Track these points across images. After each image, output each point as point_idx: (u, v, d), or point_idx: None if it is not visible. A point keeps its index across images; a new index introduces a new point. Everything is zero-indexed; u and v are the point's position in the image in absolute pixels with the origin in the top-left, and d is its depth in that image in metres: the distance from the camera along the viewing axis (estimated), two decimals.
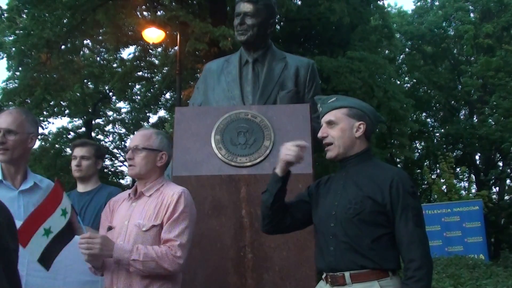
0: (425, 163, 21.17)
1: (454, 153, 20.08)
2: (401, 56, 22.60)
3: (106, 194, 3.26)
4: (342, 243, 2.07)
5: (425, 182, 19.56)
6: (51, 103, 17.00)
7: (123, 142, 22.53)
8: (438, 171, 17.89)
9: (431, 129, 23.46)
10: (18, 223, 2.45)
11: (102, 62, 19.06)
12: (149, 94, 18.76)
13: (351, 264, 2.04)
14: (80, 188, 3.48)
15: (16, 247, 1.19)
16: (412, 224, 2.01)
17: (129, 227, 2.39)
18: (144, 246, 2.32)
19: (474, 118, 22.15)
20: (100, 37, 15.93)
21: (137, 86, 19.41)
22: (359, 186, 2.12)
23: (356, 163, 2.20)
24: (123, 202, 2.56)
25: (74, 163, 3.46)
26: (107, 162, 22.96)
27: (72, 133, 21.88)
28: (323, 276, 2.17)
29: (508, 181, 22.46)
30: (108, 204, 2.61)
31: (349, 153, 2.21)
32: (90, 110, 20.95)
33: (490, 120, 19.47)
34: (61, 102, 18.27)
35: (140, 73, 17.44)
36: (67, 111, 19.81)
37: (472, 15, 22.43)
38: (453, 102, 23.67)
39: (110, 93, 20.99)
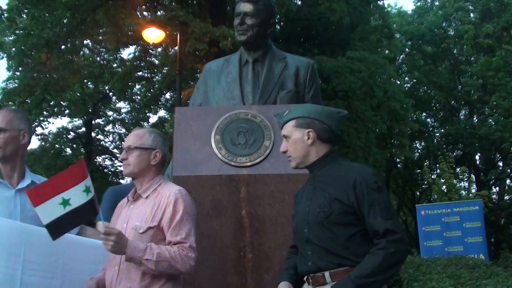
0: (425, 163, 21.14)
1: (454, 153, 20.05)
2: (401, 56, 22.60)
3: None
4: (317, 247, 2.14)
5: (425, 182, 19.56)
6: (51, 103, 17.00)
7: (123, 142, 22.49)
8: (438, 171, 17.85)
9: (431, 129, 23.45)
10: (15, 222, 2.45)
11: (102, 62, 19.05)
12: (149, 94, 18.74)
13: (329, 264, 2.11)
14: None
15: None
16: (380, 218, 2.05)
17: (127, 230, 2.39)
18: (157, 245, 2.30)
19: (474, 118, 22.14)
20: (100, 37, 15.91)
21: (137, 86, 19.38)
22: (325, 189, 2.18)
23: (321, 167, 2.26)
24: (125, 206, 2.56)
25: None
26: (107, 162, 22.99)
27: (72, 133, 21.88)
28: (305, 278, 2.24)
29: (508, 181, 22.47)
30: (116, 210, 2.62)
31: (308, 161, 2.28)
32: (90, 110, 20.95)
33: (490, 120, 19.47)
34: (61, 102, 18.27)
35: (140, 73, 17.42)
36: (67, 111, 19.81)
37: (472, 15, 22.42)
38: (453, 102, 23.66)
39: (110, 93, 20.99)
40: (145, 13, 13.62)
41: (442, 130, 22.51)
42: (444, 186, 13.70)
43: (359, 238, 2.09)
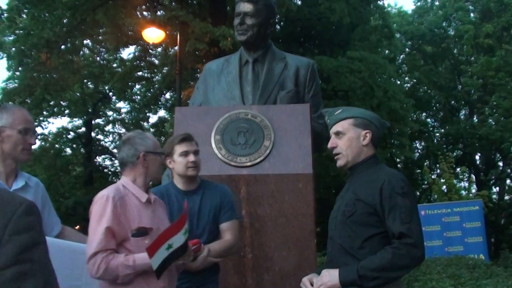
0: (425, 163, 21.13)
1: (454, 153, 20.05)
2: (401, 56, 22.57)
3: (218, 193, 2.84)
4: (336, 245, 2.23)
5: (425, 182, 19.57)
6: (51, 103, 17.00)
7: None
8: (438, 171, 17.87)
9: (431, 129, 23.44)
10: None
11: (102, 62, 19.05)
12: (149, 94, 18.74)
13: (342, 264, 2.16)
14: (183, 185, 2.83)
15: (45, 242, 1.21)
16: (398, 221, 2.09)
17: None
18: None
19: (474, 118, 22.14)
20: (100, 37, 15.92)
21: (137, 86, 19.39)
22: (355, 190, 2.24)
23: (362, 170, 2.30)
24: (134, 206, 2.37)
25: (190, 159, 2.76)
26: (107, 162, 22.98)
27: (72, 133, 21.88)
28: None
29: (508, 181, 22.47)
30: (115, 205, 2.31)
31: (357, 160, 2.32)
32: (90, 110, 20.94)
33: (490, 120, 19.47)
34: (61, 102, 18.28)
35: (140, 73, 17.43)
36: (67, 111, 19.82)
37: (472, 15, 22.41)
38: (453, 102, 23.65)
39: (110, 93, 20.99)
40: (145, 13, 13.63)
41: (442, 130, 22.51)
42: (444, 186, 13.71)
43: (377, 240, 2.13)
